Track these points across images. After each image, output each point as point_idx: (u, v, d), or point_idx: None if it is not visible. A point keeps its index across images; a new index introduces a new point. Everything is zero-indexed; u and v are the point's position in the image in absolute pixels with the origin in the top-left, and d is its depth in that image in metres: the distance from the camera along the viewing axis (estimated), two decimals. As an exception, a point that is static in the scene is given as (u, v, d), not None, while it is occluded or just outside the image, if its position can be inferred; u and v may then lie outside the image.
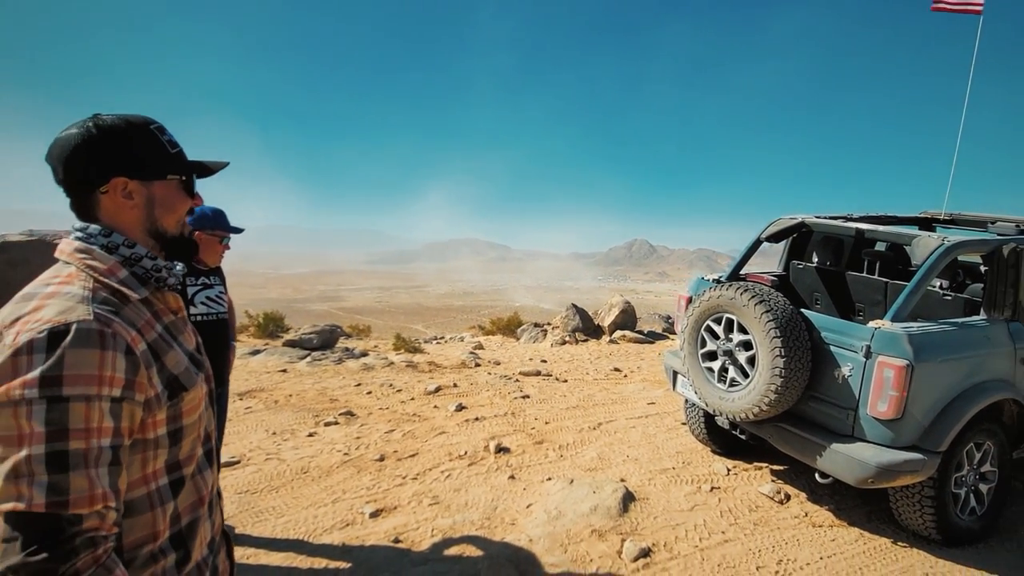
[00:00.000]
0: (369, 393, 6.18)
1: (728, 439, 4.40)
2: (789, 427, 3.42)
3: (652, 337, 10.37)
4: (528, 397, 6.15)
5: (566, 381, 7.02)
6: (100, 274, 1.02)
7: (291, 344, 8.47)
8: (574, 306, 10.94)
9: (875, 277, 4.18)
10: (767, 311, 3.27)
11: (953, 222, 4.85)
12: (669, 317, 12.35)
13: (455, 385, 6.55)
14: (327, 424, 5.12)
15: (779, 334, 3.21)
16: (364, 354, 8.12)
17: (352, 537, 3.28)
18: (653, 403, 5.93)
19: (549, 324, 11.15)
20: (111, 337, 0.94)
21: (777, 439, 3.51)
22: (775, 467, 4.26)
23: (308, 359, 7.57)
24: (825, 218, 4.18)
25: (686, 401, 4.52)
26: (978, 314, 3.45)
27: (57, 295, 0.96)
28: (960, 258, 3.91)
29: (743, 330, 3.45)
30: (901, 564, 3.14)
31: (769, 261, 5.69)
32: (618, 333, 10.24)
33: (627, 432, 5.05)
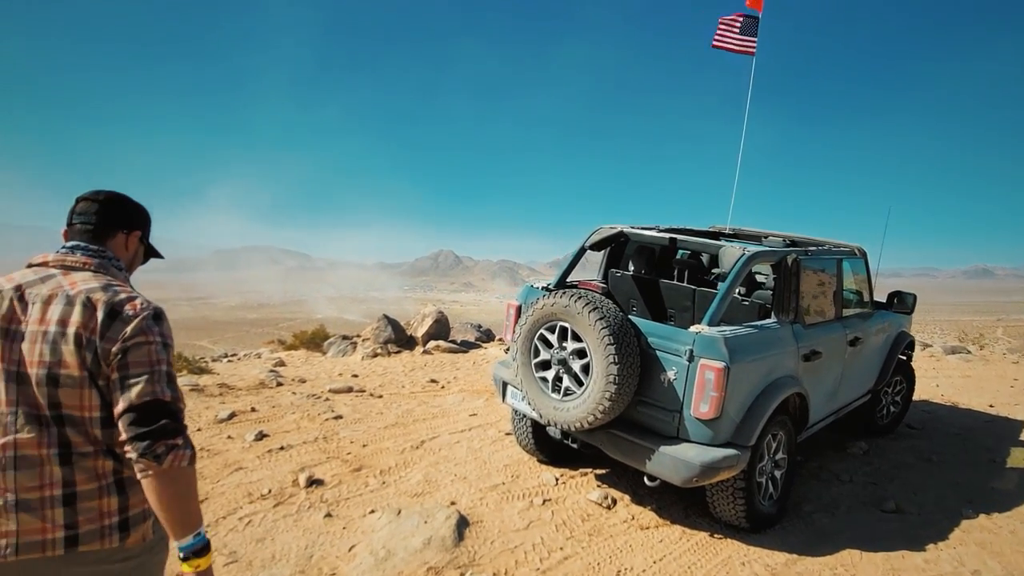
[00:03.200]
0: (139, 427, 5.03)
1: (554, 447, 4.35)
2: (620, 433, 3.43)
3: (466, 346, 10.29)
4: (341, 417, 5.56)
5: (381, 396, 6.53)
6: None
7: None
8: (386, 317, 10.42)
9: (685, 284, 4.47)
10: (601, 318, 3.24)
11: (736, 236, 5.43)
12: (481, 325, 12.42)
13: (253, 409, 5.67)
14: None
15: (613, 341, 3.20)
16: (132, 378, 6.71)
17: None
18: (475, 415, 5.74)
19: (359, 336, 10.46)
20: None
21: (609, 446, 3.51)
22: (598, 471, 4.32)
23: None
24: (640, 229, 4.37)
25: (514, 412, 4.39)
26: (770, 317, 3.82)
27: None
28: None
29: (577, 338, 3.39)
30: (721, 557, 3.31)
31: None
32: (432, 343, 9.97)
33: (452, 448, 4.77)
